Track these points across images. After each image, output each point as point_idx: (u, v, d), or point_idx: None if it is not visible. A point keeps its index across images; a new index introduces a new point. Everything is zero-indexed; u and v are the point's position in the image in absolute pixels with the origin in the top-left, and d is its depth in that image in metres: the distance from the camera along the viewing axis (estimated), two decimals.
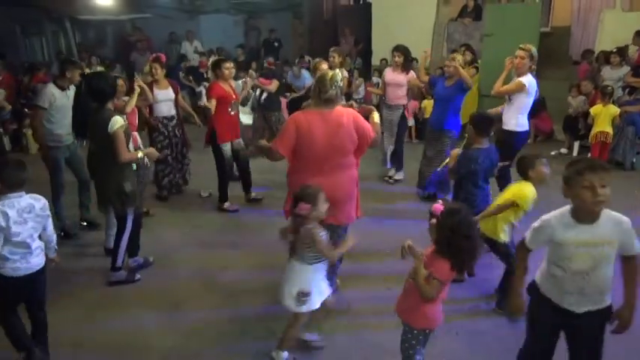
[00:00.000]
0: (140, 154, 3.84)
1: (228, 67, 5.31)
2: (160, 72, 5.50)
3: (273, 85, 7.19)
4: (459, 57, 5.42)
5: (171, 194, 5.84)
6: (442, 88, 5.43)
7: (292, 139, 3.16)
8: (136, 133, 4.93)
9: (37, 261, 2.79)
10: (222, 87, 5.21)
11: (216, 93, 5.15)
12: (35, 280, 2.80)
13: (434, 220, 2.33)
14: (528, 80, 4.65)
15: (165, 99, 5.51)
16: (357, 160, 3.39)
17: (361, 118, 3.30)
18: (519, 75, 4.73)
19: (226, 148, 5.34)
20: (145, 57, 11.57)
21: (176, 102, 5.63)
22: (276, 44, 12.31)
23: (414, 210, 5.24)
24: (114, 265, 3.92)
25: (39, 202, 2.79)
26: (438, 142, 5.43)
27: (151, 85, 5.46)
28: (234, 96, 5.30)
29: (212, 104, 5.10)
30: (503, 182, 4.32)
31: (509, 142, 4.81)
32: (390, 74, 6.08)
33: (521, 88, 4.65)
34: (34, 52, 13.01)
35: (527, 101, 4.74)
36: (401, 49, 5.95)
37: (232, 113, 5.25)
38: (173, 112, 5.59)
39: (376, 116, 3.56)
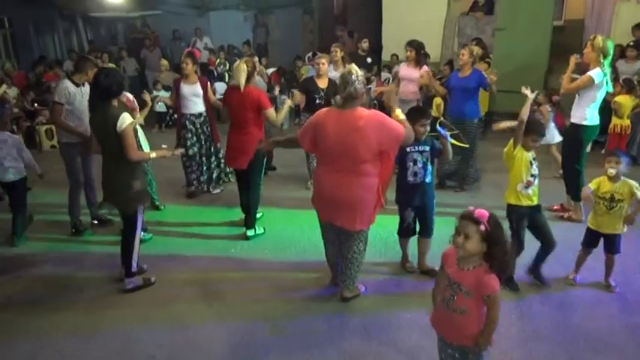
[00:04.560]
0: (153, 154, 3.76)
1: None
2: (190, 67, 5.39)
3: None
4: (475, 49, 5.62)
5: (201, 192, 5.77)
6: (457, 80, 5.51)
7: (310, 132, 3.32)
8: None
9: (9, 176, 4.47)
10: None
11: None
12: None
13: (482, 228, 2.12)
14: (596, 73, 4.49)
15: (190, 94, 5.41)
16: (383, 176, 3.24)
17: (386, 120, 3.16)
18: (590, 67, 4.58)
19: None
20: (154, 54, 11.63)
21: (205, 98, 5.51)
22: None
23: None
24: (128, 270, 3.74)
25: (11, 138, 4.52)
26: (463, 132, 5.38)
27: (178, 81, 5.43)
28: None
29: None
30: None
31: (577, 136, 4.68)
32: (404, 69, 6.12)
33: (590, 82, 4.49)
34: (47, 50, 13.12)
35: (596, 95, 4.57)
36: (413, 45, 5.97)
37: None
38: (201, 108, 5.49)
39: (399, 114, 3.33)
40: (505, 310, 3.39)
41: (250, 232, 4.65)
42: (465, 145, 3.82)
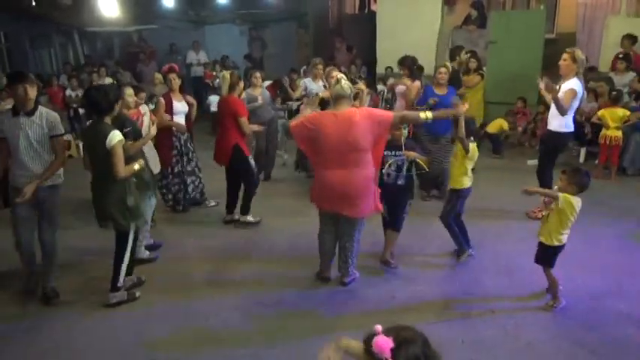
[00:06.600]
0: (137, 166, 3.63)
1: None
2: (176, 82, 5.38)
3: None
4: (447, 64, 5.82)
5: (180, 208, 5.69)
6: (434, 96, 5.55)
7: (306, 131, 3.59)
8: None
9: None
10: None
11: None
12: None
13: None
14: (576, 84, 4.66)
15: (182, 111, 5.41)
16: (375, 157, 3.62)
17: (374, 110, 3.72)
18: (565, 78, 4.74)
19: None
20: (149, 68, 11.69)
21: (188, 114, 5.51)
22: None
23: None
24: (114, 285, 3.69)
25: None
26: (436, 146, 5.53)
27: (169, 97, 5.34)
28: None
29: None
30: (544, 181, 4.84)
31: (552, 143, 5.02)
32: (398, 86, 6.26)
33: (575, 94, 4.65)
34: (43, 65, 13.15)
35: (573, 104, 4.73)
36: (405, 63, 6.09)
37: None
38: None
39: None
40: (499, 322, 3.41)
41: (243, 218, 5.16)
42: (426, 169, 3.97)
